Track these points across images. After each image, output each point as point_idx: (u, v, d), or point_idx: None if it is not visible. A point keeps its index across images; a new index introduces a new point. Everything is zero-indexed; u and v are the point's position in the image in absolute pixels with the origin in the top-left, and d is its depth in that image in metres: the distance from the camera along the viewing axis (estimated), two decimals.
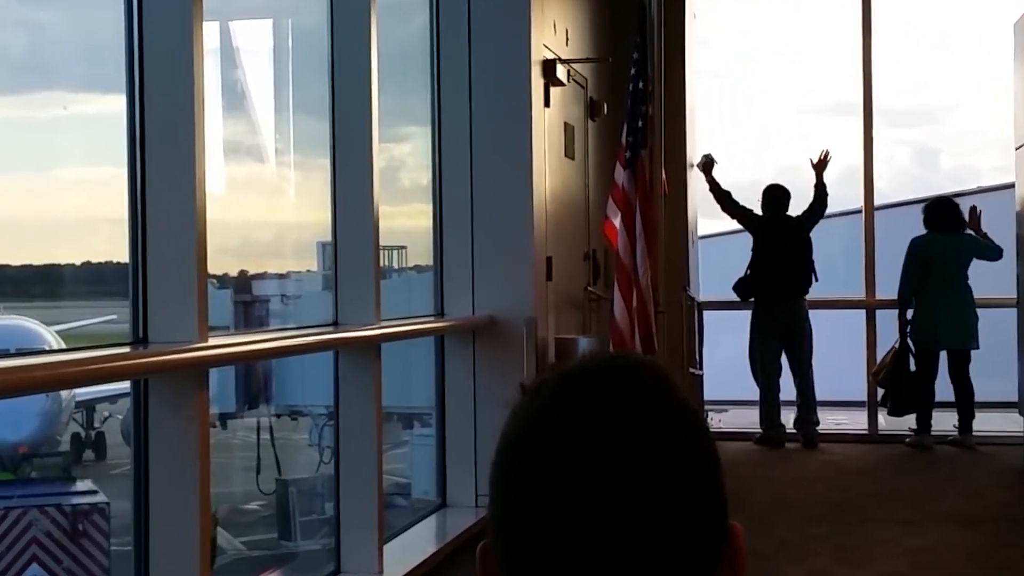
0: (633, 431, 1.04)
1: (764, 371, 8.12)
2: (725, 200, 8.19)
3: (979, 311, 7.75)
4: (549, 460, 1.04)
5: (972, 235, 7.81)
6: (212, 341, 3.53)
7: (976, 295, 7.79)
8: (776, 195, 8.28)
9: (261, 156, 5.96)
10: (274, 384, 6.08)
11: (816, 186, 8.20)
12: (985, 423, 8.00)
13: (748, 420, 8.42)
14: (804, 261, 8.14)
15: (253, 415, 6.05)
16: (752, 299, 8.22)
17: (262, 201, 5.60)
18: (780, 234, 8.15)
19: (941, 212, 7.88)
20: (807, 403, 8.09)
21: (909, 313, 7.80)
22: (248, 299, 5.71)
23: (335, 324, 4.67)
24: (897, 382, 7.73)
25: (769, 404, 8.14)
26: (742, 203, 8.24)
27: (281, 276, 5.93)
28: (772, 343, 8.13)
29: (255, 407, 6.03)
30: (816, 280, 8.17)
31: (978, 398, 7.78)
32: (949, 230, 7.76)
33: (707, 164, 8.20)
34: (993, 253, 7.68)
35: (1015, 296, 7.62)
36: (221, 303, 5.44)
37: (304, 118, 5.86)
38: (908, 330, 7.79)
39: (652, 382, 1.08)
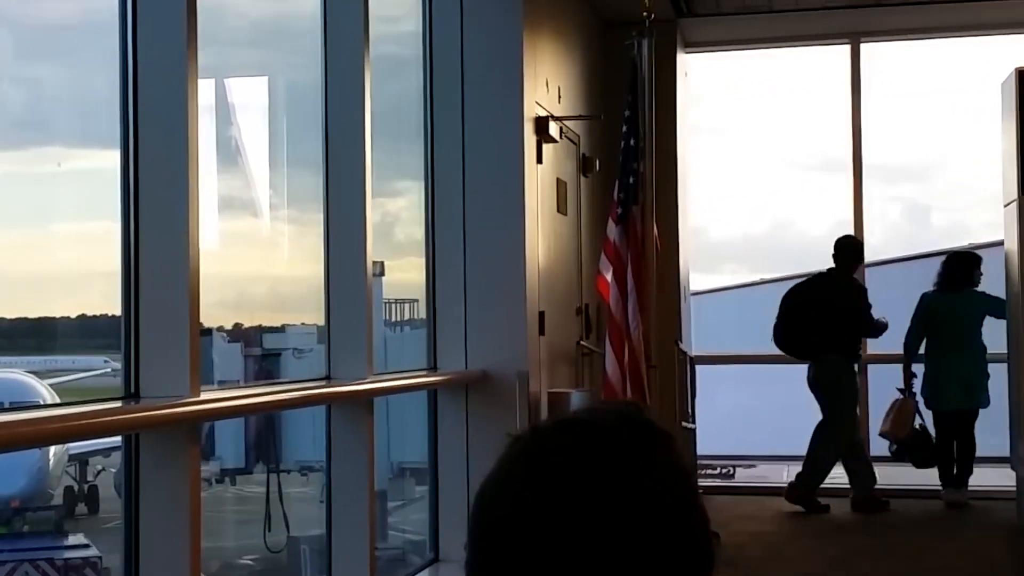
0: (595, 484, 1.03)
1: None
2: (874, 324, 7.85)
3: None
4: (513, 511, 1.05)
5: (982, 292, 7.80)
6: (204, 396, 3.54)
7: None
8: (847, 246, 7.84)
9: (256, 211, 5.99)
10: (284, 439, 6.06)
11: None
12: (977, 478, 7.98)
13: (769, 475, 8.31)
14: (846, 318, 7.79)
15: (263, 471, 6.02)
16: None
17: (258, 255, 5.64)
18: (829, 290, 7.79)
19: (948, 268, 7.89)
20: (858, 463, 7.83)
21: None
22: (258, 353, 5.71)
23: (328, 378, 4.69)
24: (915, 436, 7.68)
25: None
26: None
27: (292, 329, 5.93)
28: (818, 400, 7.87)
29: (265, 462, 6.01)
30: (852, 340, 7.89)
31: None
32: (954, 288, 7.77)
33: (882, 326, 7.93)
34: (1003, 310, 7.65)
35: (1006, 351, 7.65)
36: (231, 357, 5.44)
37: (300, 173, 5.91)
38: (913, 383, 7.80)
39: (630, 438, 1.08)
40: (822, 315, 7.85)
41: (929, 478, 7.92)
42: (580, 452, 1.05)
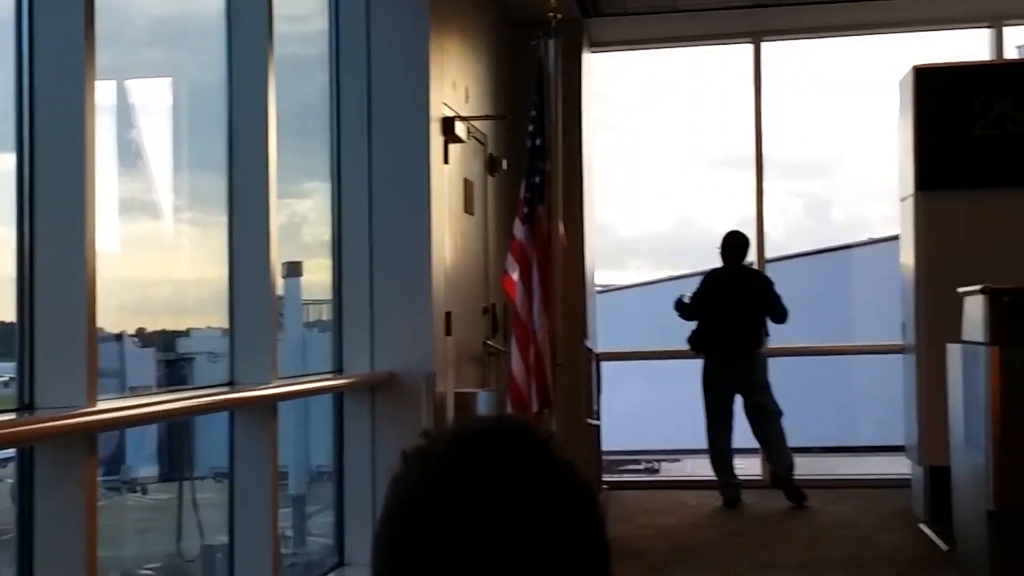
0: (528, 494, 1.04)
1: (713, 427, 8.07)
2: (686, 309, 8.18)
3: (869, 357, 7.96)
4: (443, 528, 1.03)
5: None
6: (100, 405, 3.48)
7: (865, 342, 7.99)
8: (735, 242, 8.26)
9: (159, 213, 5.93)
10: (197, 445, 5.98)
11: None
12: (873, 466, 8.20)
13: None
14: (758, 312, 8.09)
15: (175, 478, 5.94)
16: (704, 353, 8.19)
17: (161, 258, 5.58)
18: (735, 284, 8.14)
19: None
20: (780, 449, 8.03)
21: None
22: (172, 357, 5.63)
23: (231, 384, 4.65)
24: None
25: (720, 462, 8.09)
26: (689, 299, 8.21)
27: (206, 333, 5.86)
28: (723, 397, 8.09)
29: (178, 469, 5.93)
30: (767, 335, 8.17)
31: (868, 442, 7.99)
32: None
33: (679, 303, 8.23)
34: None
35: (901, 342, 7.86)
36: (143, 363, 5.36)
37: (204, 174, 5.86)
38: None
39: (542, 442, 1.09)
40: (743, 309, 8.03)
41: (832, 467, 8.11)
42: (483, 466, 1.05)
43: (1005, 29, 8.95)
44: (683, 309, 8.16)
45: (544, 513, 1.03)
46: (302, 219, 6.39)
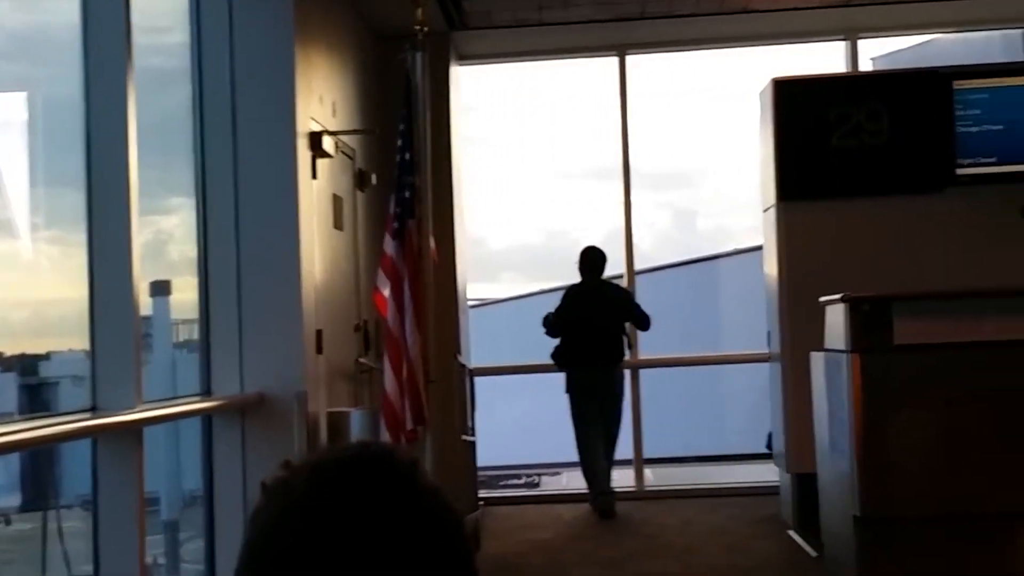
0: (392, 524, 1.01)
1: (585, 439, 8.16)
2: (551, 326, 8.30)
3: (735, 367, 8.13)
4: (306, 562, 0.99)
5: None
6: None
7: (732, 351, 8.15)
8: (592, 257, 8.40)
9: (15, 232, 5.72)
10: (62, 472, 5.77)
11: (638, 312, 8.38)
12: (741, 474, 8.35)
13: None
14: (619, 327, 8.26)
15: (41, 507, 5.71)
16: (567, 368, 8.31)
17: (19, 279, 5.38)
18: (595, 300, 8.29)
19: None
20: (607, 471, 8.22)
21: None
22: (34, 382, 5.42)
23: (93, 409, 4.50)
24: None
25: (591, 473, 8.19)
26: (552, 313, 8.34)
27: (70, 356, 5.65)
28: (590, 410, 8.21)
29: (43, 498, 5.70)
30: (629, 348, 8.34)
31: (738, 450, 8.15)
32: None
33: (546, 319, 8.35)
34: None
35: (767, 351, 8.02)
36: (2, 388, 5.15)
37: (63, 191, 5.67)
38: None
39: (405, 469, 1.06)
40: (605, 323, 8.15)
41: (704, 476, 8.23)
42: (343, 498, 1.02)
43: (860, 42, 9.23)
44: (548, 327, 8.28)
45: (408, 543, 1.01)
46: (168, 236, 6.23)
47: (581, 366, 8.26)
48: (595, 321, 8.26)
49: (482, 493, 8.68)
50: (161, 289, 5.64)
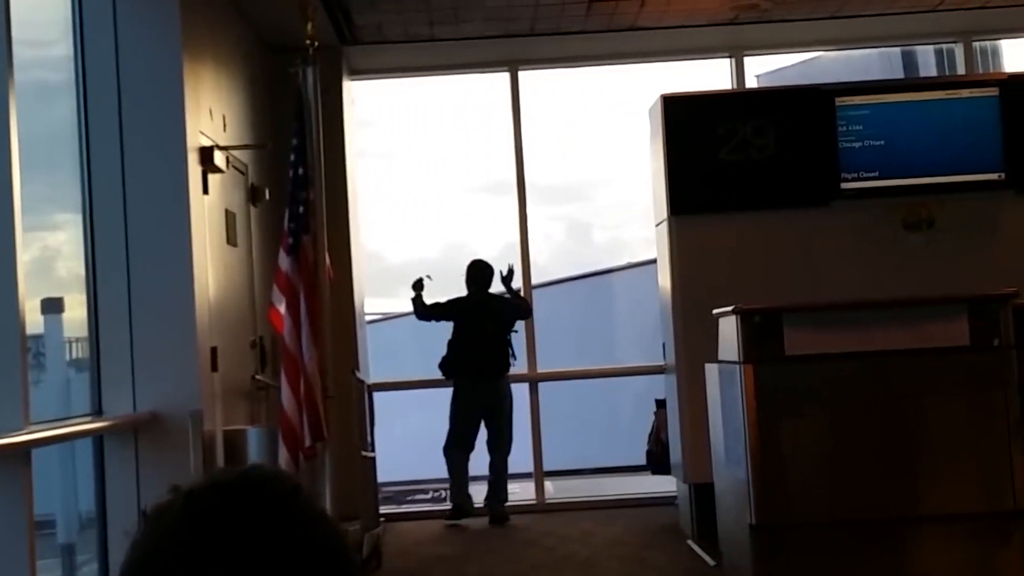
0: (269, 552, 0.99)
1: (456, 449, 8.27)
2: (420, 309, 8.37)
3: (629, 379, 8.22)
4: None
5: None
6: None
7: (627, 363, 8.23)
8: (479, 271, 8.48)
9: None
10: None
11: (514, 295, 8.50)
12: (642, 486, 8.41)
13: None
14: (504, 339, 8.39)
15: None
16: (453, 379, 8.39)
17: None
18: (481, 313, 8.39)
19: None
20: (498, 483, 8.31)
21: None
22: None
23: None
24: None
25: (457, 482, 8.30)
26: (430, 301, 8.44)
27: None
28: (470, 422, 8.32)
29: None
30: (514, 358, 8.42)
31: (633, 462, 8.25)
32: None
33: (417, 283, 8.44)
34: None
35: (663, 363, 8.11)
36: None
37: None
38: None
39: (284, 494, 1.04)
40: (492, 335, 8.21)
41: (601, 488, 8.27)
42: (218, 527, 1.00)
43: (745, 59, 9.41)
44: (419, 303, 8.39)
45: (286, 569, 0.99)
46: (56, 253, 6.06)
47: (468, 377, 8.34)
48: (481, 333, 8.38)
49: (389, 509, 8.65)
50: (53, 307, 5.49)
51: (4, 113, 4.52)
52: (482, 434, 8.49)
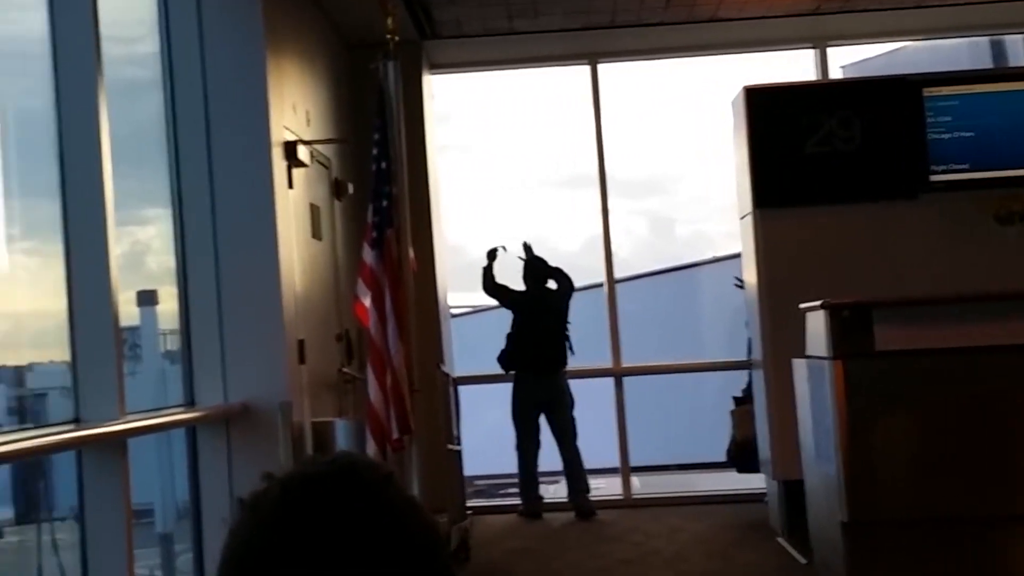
0: (360, 541, 1.01)
1: (523, 444, 8.30)
2: (488, 281, 8.40)
3: (720, 374, 8.14)
4: None
5: None
6: None
7: (716, 358, 8.14)
8: (535, 267, 8.51)
9: None
10: (55, 484, 5.65)
11: (547, 269, 8.50)
12: (731, 482, 8.32)
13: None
14: (560, 334, 8.39)
15: (34, 519, 5.59)
16: (513, 372, 8.41)
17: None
18: (539, 308, 8.40)
19: None
20: (574, 474, 8.27)
21: None
22: (23, 393, 5.31)
23: (76, 421, 4.41)
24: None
25: (527, 477, 8.31)
26: (501, 282, 8.48)
27: (51, 367, 5.53)
28: (530, 416, 8.33)
29: (35, 510, 5.58)
30: (572, 352, 8.43)
31: (719, 458, 8.16)
32: None
33: (492, 252, 8.44)
34: None
35: (747, 359, 8.02)
36: None
37: (40, 203, 5.57)
38: None
39: (374, 484, 1.05)
40: (551, 330, 8.25)
41: (689, 484, 8.21)
42: (311, 516, 1.02)
43: (829, 50, 9.28)
44: (490, 275, 8.45)
45: (375, 559, 1.01)
46: (145, 247, 6.14)
47: (527, 371, 8.38)
48: (539, 327, 8.43)
49: (480, 502, 8.68)
50: (148, 299, 5.56)
51: (95, 110, 4.59)
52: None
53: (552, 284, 8.62)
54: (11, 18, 5.38)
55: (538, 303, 8.51)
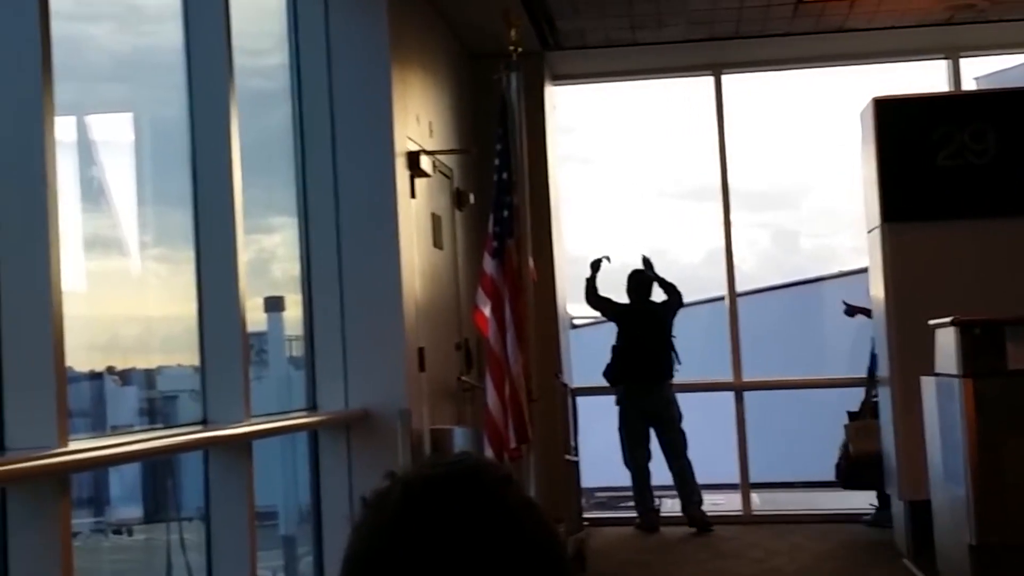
0: (481, 542, 1.01)
1: (633, 457, 8.25)
2: (591, 293, 8.39)
3: (842, 391, 7.97)
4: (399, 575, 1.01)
5: None
6: (72, 446, 3.36)
7: (838, 374, 7.97)
8: (639, 280, 8.48)
9: (125, 250, 5.78)
10: (183, 484, 5.81)
11: (660, 283, 8.45)
12: (858, 501, 8.15)
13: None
14: (665, 346, 8.33)
15: (162, 518, 5.76)
16: (619, 385, 8.38)
17: (128, 295, 5.43)
18: (643, 320, 8.35)
19: None
20: (687, 486, 8.20)
21: None
22: (154, 395, 5.48)
23: (204, 422, 4.52)
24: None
25: (641, 489, 8.25)
26: (605, 294, 8.46)
27: (179, 371, 5.70)
28: (639, 428, 8.27)
29: (164, 510, 5.75)
30: (679, 364, 8.36)
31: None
32: None
33: (596, 262, 8.44)
34: None
35: (868, 375, 7.85)
36: (124, 401, 5.20)
37: (170, 210, 5.73)
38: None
39: (495, 485, 1.06)
40: (655, 341, 8.20)
41: (813, 502, 8.08)
42: (467, 506, 1.03)
43: (962, 61, 9.04)
44: (592, 287, 8.41)
45: (495, 560, 1.01)
46: (270, 255, 6.27)
47: (633, 382, 8.34)
48: (644, 339, 8.39)
49: (602, 514, 8.66)
50: (275, 305, 5.68)
51: (227, 120, 4.71)
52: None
53: (657, 297, 8.55)
54: (146, 30, 5.55)
55: (641, 316, 8.47)
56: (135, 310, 4.92)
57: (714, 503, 8.64)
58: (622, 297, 8.65)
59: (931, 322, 6.01)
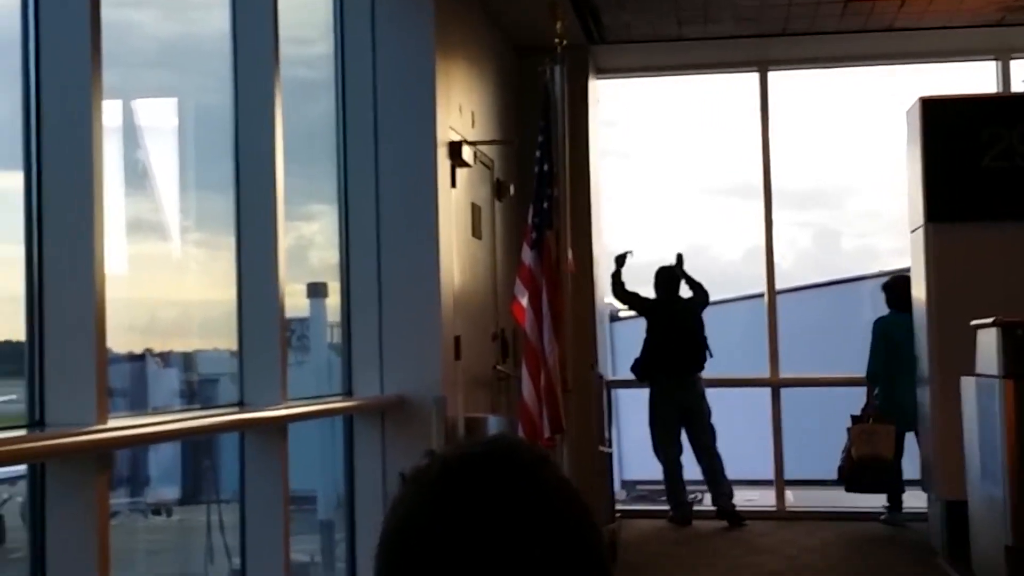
0: (517, 519, 1.02)
1: (664, 450, 8.24)
2: (618, 287, 8.38)
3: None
4: (436, 555, 1.02)
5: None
6: (111, 423, 3.42)
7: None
8: (668, 276, 8.46)
9: (166, 234, 5.85)
10: (222, 466, 5.88)
11: (688, 281, 8.43)
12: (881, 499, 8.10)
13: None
14: (696, 339, 8.31)
15: (202, 499, 5.84)
16: (649, 379, 8.37)
17: (168, 279, 5.50)
18: (672, 314, 8.34)
19: (899, 290, 8.07)
20: (717, 479, 8.19)
21: None
22: (195, 378, 5.56)
23: (240, 404, 4.58)
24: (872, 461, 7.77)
25: (673, 483, 8.24)
26: (632, 289, 8.44)
27: (216, 354, 5.77)
28: (670, 422, 8.26)
29: (204, 491, 5.83)
30: (711, 356, 8.33)
31: None
32: (907, 309, 7.91)
33: (620, 257, 8.42)
34: None
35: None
36: (166, 383, 5.28)
37: (211, 196, 5.79)
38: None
39: (532, 464, 1.07)
40: (685, 334, 8.19)
41: (847, 500, 8.04)
42: (505, 484, 1.04)
43: (1012, 62, 8.95)
44: (618, 281, 8.39)
45: (531, 538, 1.02)
46: (308, 242, 6.32)
47: (663, 374, 8.34)
48: (673, 332, 8.36)
49: (640, 507, 8.67)
50: (318, 291, 5.74)
51: (271, 108, 4.75)
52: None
53: (684, 293, 8.52)
54: (192, 18, 5.61)
55: (670, 310, 8.45)
56: (175, 294, 4.99)
57: (748, 499, 8.61)
58: (649, 292, 8.64)
59: (973, 322, 5.97)
